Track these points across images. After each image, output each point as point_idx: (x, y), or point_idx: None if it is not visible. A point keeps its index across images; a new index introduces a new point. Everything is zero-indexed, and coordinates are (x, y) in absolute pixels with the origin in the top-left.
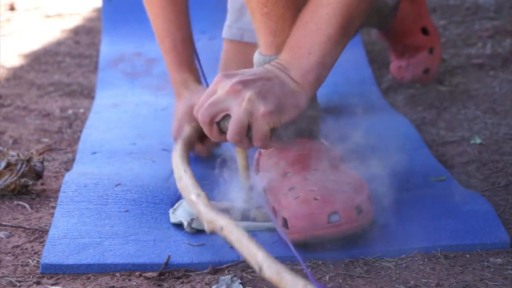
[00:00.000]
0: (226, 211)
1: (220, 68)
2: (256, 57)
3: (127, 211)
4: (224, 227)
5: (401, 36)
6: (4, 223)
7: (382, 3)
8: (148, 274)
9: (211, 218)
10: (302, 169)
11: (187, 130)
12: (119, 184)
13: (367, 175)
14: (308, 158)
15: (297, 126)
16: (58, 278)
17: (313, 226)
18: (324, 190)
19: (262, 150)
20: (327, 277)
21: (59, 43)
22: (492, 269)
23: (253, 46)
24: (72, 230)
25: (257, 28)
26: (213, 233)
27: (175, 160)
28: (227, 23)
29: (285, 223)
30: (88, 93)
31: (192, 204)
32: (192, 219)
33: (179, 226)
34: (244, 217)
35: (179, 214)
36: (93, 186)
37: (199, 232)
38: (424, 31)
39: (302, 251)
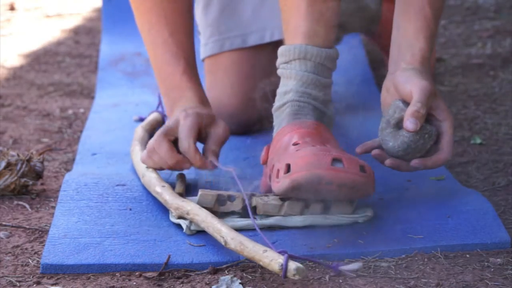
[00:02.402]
0: (227, 199)
1: (206, 87)
2: (281, 49)
3: (130, 209)
4: (190, 211)
5: (390, 37)
6: (4, 223)
7: (364, 8)
8: (148, 274)
9: (177, 204)
10: (311, 141)
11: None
12: (120, 184)
13: None
14: (318, 136)
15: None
16: (58, 278)
17: (315, 165)
18: (331, 147)
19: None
20: (327, 277)
21: (59, 43)
22: (492, 269)
23: (235, 52)
24: (72, 229)
25: (286, 16)
26: (180, 218)
27: (136, 160)
28: (201, 42)
29: (287, 168)
30: (88, 93)
31: (158, 195)
32: (190, 222)
33: (179, 224)
34: (245, 206)
35: None
36: (93, 185)
37: (199, 232)
38: None
39: (302, 250)
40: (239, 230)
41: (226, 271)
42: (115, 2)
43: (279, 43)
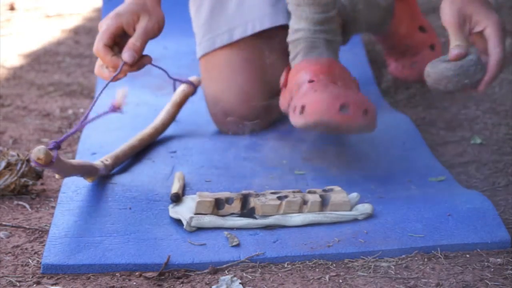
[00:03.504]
0: (225, 202)
1: (203, 85)
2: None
3: (130, 208)
4: None
5: (401, 37)
6: (4, 223)
7: (375, 6)
8: (148, 274)
9: None
10: (326, 79)
11: None
12: (119, 183)
13: (367, 175)
14: (331, 74)
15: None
16: (58, 278)
17: (325, 110)
18: (341, 90)
19: (292, 66)
20: (327, 277)
21: (59, 43)
22: (492, 269)
23: (225, 49)
24: (72, 229)
25: None
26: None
27: None
28: (197, 42)
29: (302, 109)
30: (88, 93)
31: None
32: (191, 218)
33: (179, 222)
34: (243, 206)
35: (178, 210)
36: (92, 186)
37: (200, 229)
38: (422, 29)
39: (302, 250)
40: (239, 229)
41: (226, 271)
42: (115, 2)
43: (267, 35)
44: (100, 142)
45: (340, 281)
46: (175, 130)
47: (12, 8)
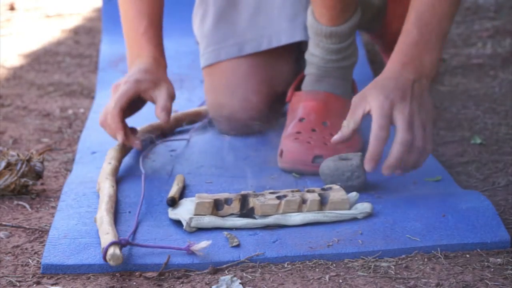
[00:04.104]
0: (225, 202)
1: (205, 89)
2: (313, 25)
3: (129, 212)
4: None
5: (393, 35)
6: (4, 223)
7: (367, 3)
8: (148, 274)
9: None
10: (315, 119)
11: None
12: (118, 185)
13: (366, 174)
14: (323, 110)
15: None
16: (58, 278)
17: (299, 161)
18: (320, 139)
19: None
20: (327, 277)
21: (59, 43)
22: (492, 269)
23: (229, 62)
24: (72, 230)
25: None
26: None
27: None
28: (200, 53)
29: (281, 153)
30: (88, 93)
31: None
32: (191, 218)
33: (179, 223)
34: (243, 206)
35: (178, 211)
36: (91, 194)
37: (200, 230)
38: None
39: (302, 250)
40: (239, 229)
41: (226, 271)
42: (115, 2)
43: (275, 51)
44: (100, 141)
45: (340, 281)
46: (175, 130)
47: (12, 8)
